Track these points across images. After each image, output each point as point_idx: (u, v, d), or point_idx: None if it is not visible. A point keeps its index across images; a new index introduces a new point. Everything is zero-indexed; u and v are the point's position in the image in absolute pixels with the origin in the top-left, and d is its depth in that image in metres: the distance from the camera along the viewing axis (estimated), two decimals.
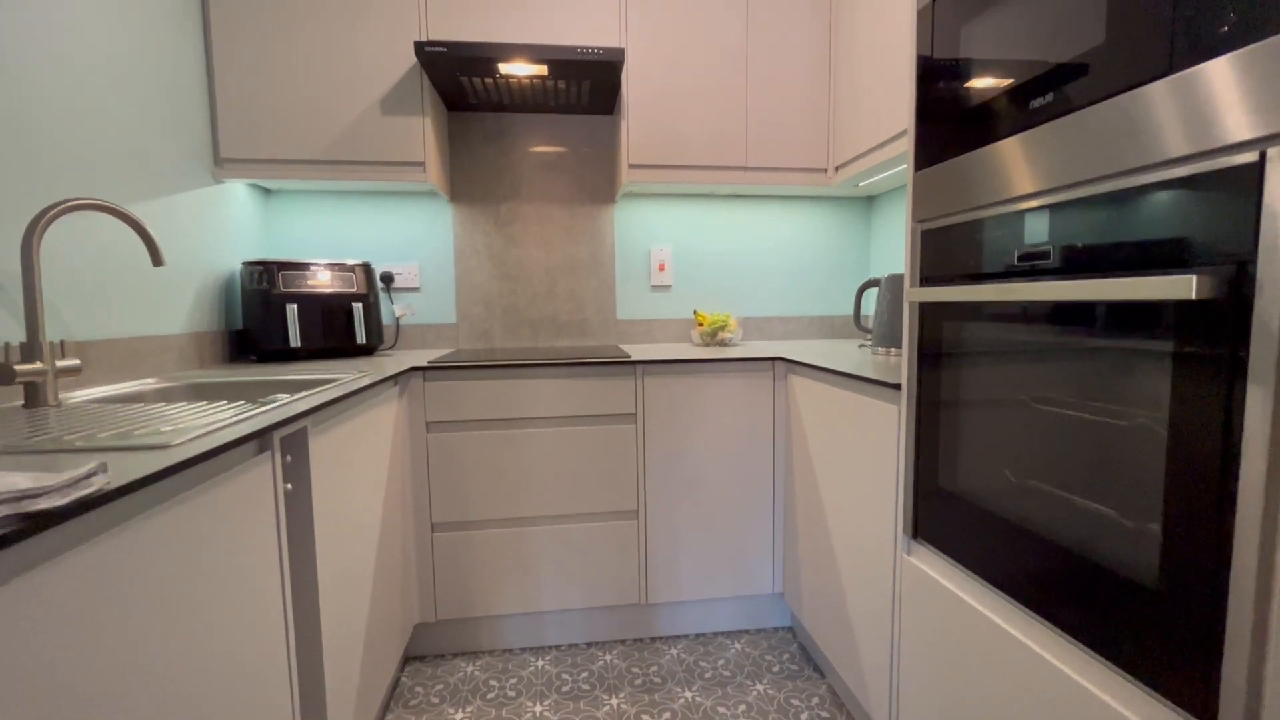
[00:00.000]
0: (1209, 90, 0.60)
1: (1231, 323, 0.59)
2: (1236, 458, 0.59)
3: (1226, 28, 0.59)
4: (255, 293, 1.77)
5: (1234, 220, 0.59)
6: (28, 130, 1.14)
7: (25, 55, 1.14)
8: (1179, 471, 0.65)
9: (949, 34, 1.01)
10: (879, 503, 1.28)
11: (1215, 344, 0.61)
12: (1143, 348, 0.69)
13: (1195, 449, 0.63)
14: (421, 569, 1.69)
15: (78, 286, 1.26)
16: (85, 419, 0.91)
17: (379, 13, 1.79)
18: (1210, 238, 0.61)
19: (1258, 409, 0.57)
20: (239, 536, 0.81)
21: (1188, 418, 0.64)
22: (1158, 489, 0.68)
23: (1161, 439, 0.67)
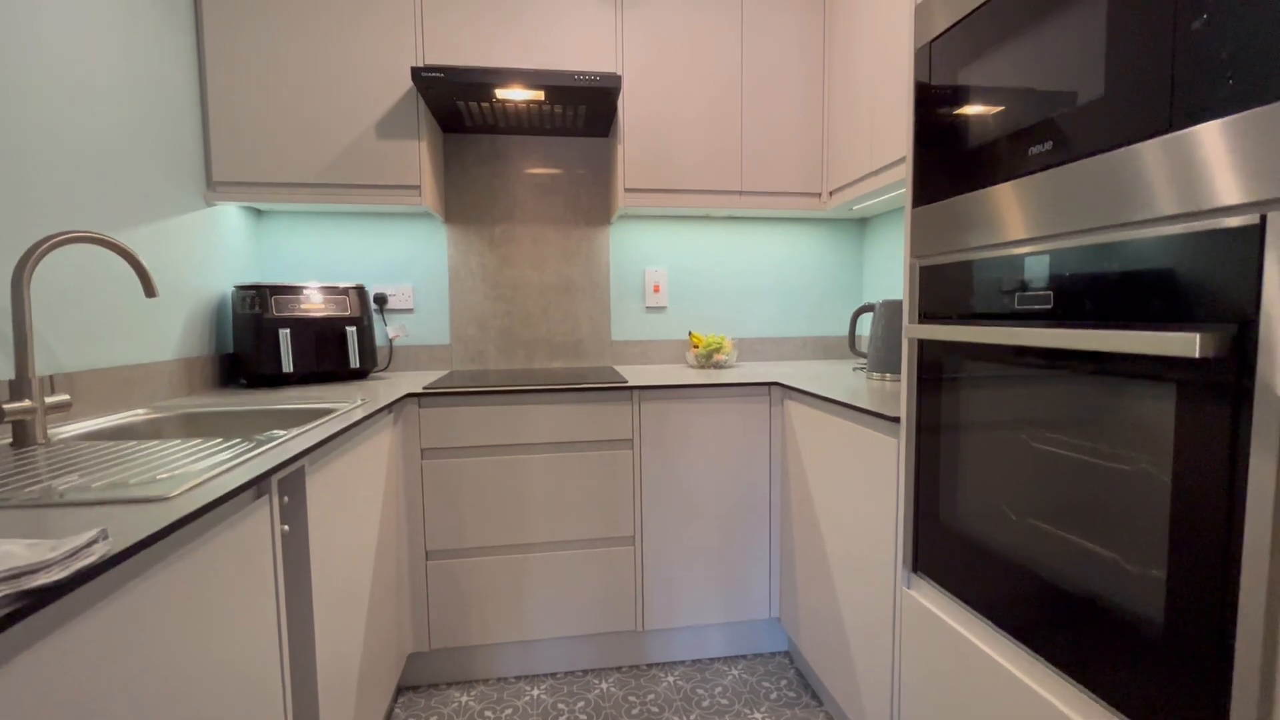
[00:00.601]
0: (1209, 151, 0.61)
1: (1234, 382, 0.60)
2: (1242, 517, 0.60)
3: (1226, 91, 0.60)
4: (247, 317, 1.75)
5: (1236, 280, 0.60)
6: (16, 157, 1.12)
7: (13, 81, 1.12)
8: (1184, 522, 0.65)
9: (948, 74, 1.02)
10: (878, 533, 1.29)
11: (1218, 400, 0.62)
12: (1145, 394, 0.70)
13: (1200, 502, 0.64)
14: (415, 598, 1.67)
15: (67, 316, 1.24)
16: (77, 461, 0.89)
17: (375, 35, 1.79)
18: (1212, 295, 0.62)
19: (1262, 469, 0.58)
20: (237, 583, 0.79)
21: (1191, 471, 0.64)
22: (1162, 535, 0.68)
23: (1165, 486, 0.67)
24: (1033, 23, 0.84)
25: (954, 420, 1.03)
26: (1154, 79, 0.67)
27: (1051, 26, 0.81)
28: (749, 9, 1.97)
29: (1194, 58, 0.63)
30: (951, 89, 1.01)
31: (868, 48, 1.76)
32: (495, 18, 1.84)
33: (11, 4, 1.12)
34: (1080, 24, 0.76)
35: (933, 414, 1.09)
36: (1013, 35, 0.87)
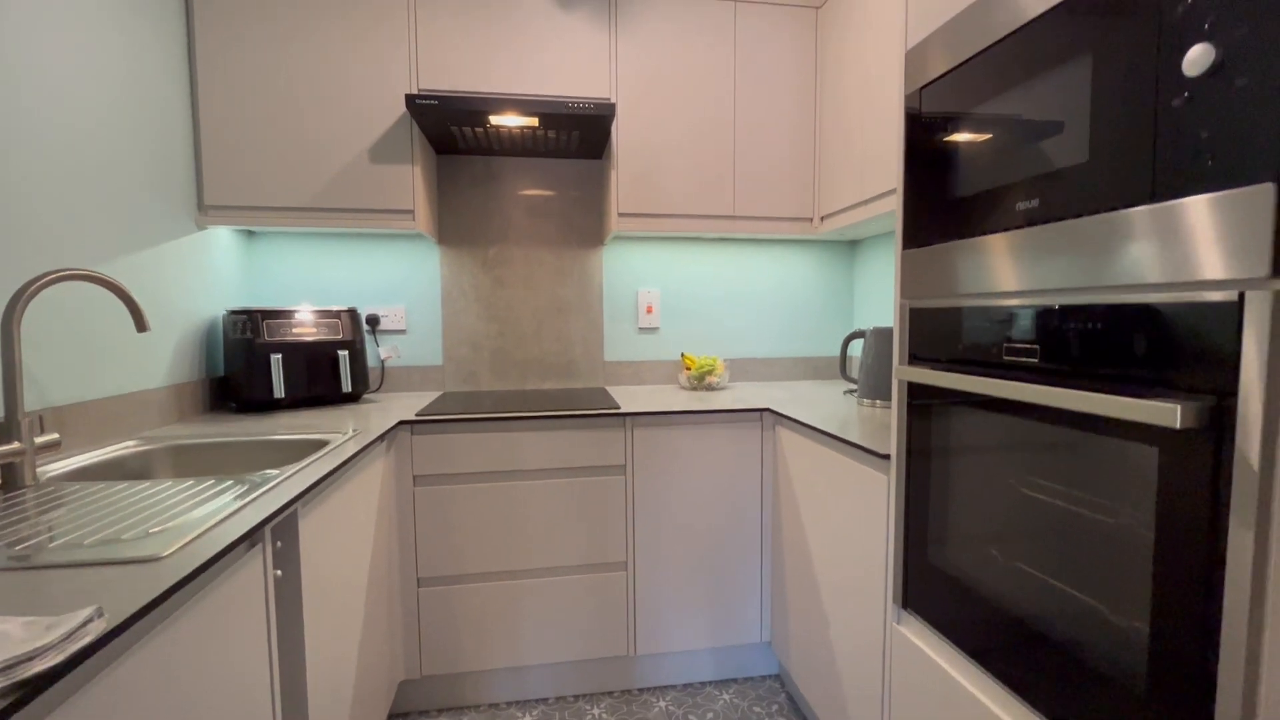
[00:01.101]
0: (1189, 225, 0.63)
1: (1214, 452, 0.62)
2: (1222, 583, 0.61)
3: (1205, 169, 0.62)
4: (239, 342, 1.74)
5: (1215, 353, 0.62)
6: (3, 185, 1.12)
7: (2, 109, 1.12)
8: (1166, 581, 0.67)
9: (938, 121, 1.04)
10: (869, 566, 1.30)
11: (1199, 468, 0.63)
12: (1129, 453, 0.71)
13: (1181, 564, 0.65)
14: (407, 625, 1.67)
15: (55, 350, 1.23)
16: (66, 508, 0.89)
17: (369, 59, 1.79)
18: (1194, 364, 0.64)
19: (1239, 540, 0.60)
20: (230, 634, 0.79)
21: (1173, 533, 0.66)
22: (1145, 591, 0.70)
23: (1149, 543, 0.69)
24: (1022, 80, 0.85)
25: (943, 460, 1.05)
26: (1137, 149, 0.69)
27: (1040, 86, 0.83)
28: (742, 36, 1.99)
29: (1175, 133, 0.65)
30: (941, 136, 1.03)
31: (858, 81, 1.78)
32: (489, 43, 1.85)
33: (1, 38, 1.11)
34: (1067, 87, 0.78)
35: (922, 453, 1.10)
36: (1002, 90, 0.89)
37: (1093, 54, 0.74)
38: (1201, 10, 0.62)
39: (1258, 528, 0.58)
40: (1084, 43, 0.75)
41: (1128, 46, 0.69)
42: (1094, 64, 0.74)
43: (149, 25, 1.53)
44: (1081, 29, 0.75)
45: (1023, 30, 0.85)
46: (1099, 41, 0.73)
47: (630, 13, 1.92)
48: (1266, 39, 0.56)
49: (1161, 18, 0.66)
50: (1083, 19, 0.75)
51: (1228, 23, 0.59)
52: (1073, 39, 0.77)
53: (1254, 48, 0.57)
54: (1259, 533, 0.58)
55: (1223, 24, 0.60)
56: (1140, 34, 0.68)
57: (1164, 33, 0.66)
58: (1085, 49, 0.75)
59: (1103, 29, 0.73)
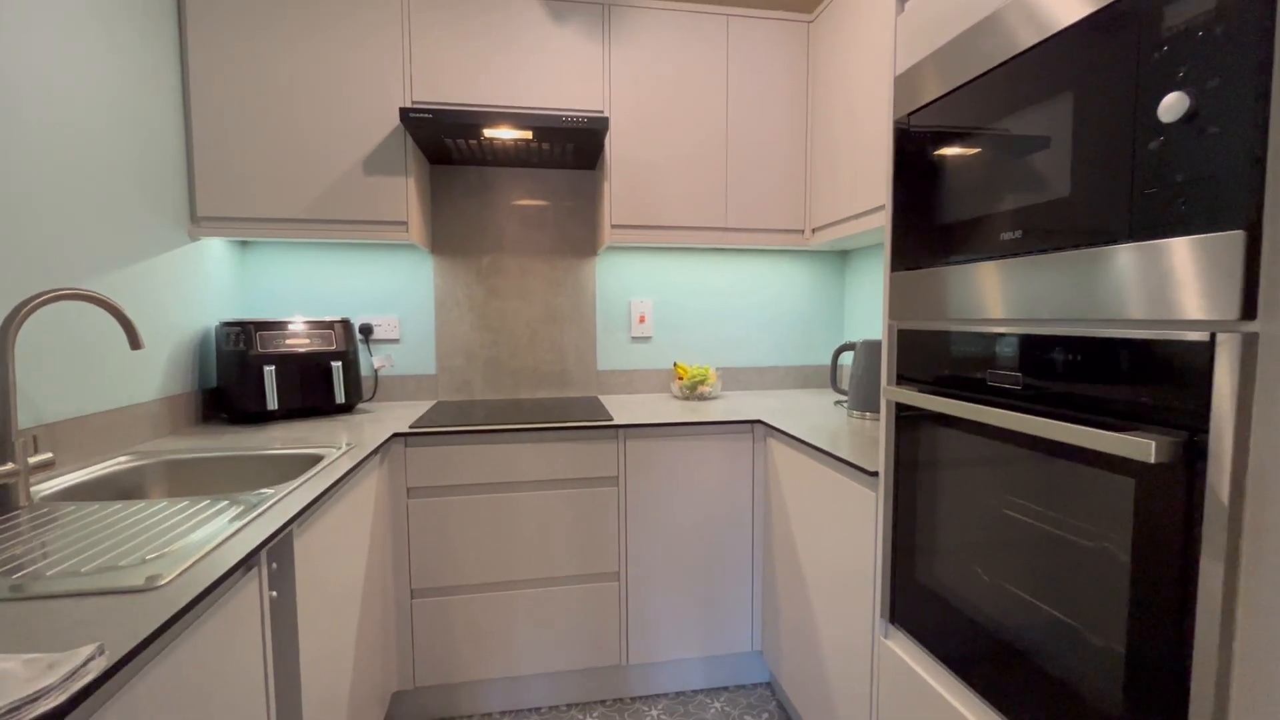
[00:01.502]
0: (1163, 265, 0.65)
1: (1187, 485, 0.64)
2: (1194, 613, 0.64)
3: (1179, 212, 0.64)
4: (232, 354, 1.75)
5: (1188, 391, 0.64)
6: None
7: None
8: (1141, 606, 0.69)
9: (925, 148, 1.06)
10: (857, 579, 1.32)
11: (1173, 501, 0.65)
12: (1107, 481, 0.74)
13: (1156, 590, 0.67)
14: (401, 636, 1.67)
15: (48, 366, 1.23)
16: (62, 531, 0.89)
17: (363, 71, 1.79)
18: (1168, 400, 0.66)
19: (1210, 572, 0.62)
20: (226, 655, 0.80)
21: (1148, 561, 0.68)
22: (1122, 614, 0.72)
23: (1125, 567, 0.71)
24: (1007, 113, 0.87)
25: (930, 479, 1.07)
26: (1115, 188, 0.71)
27: (1024, 119, 0.85)
28: (735, 48, 2.01)
29: (1152, 176, 0.67)
30: (929, 163, 1.05)
31: (848, 96, 1.81)
32: (484, 55, 1.86)
33: None
34: (1050, 122, 0.80)
35: (910, 471, 1.12)
36: (988, 120, 0.91)
37: (1074, 92, 0.76)
38: (1177, 58, 0.64)
39: (1227, 560, 0.61)
40: (1066, 80, 0.77)
41: (1108, 88, 0.72)
42: (1075, 102, 0.76)
43: (141, 37, 1.53)
44: (1064, 67, 0.78)
45: (1008, 64, 0.87)
46: (1081, 80, 0.75)
47: (623, 25, 1.93)
48: (1236, 91, 0.59)
49: (1139, 62, 0.68)
50: (1065, 57, 0.77)
51: (1201, 73, 0.62)
52: (1056, 76, 0.79)
53: (1225, 99, 0.60)
54: (1228, 565, 0.61)
55: (1196, 74, 0.62)
56: (1120, 76, 0.70)
57: (1141, 77, 0.68)
58: (1067, 86, 0.77)
59: (1085, 68, 0.75)
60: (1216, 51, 0.60)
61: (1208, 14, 0.61)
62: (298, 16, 1.75)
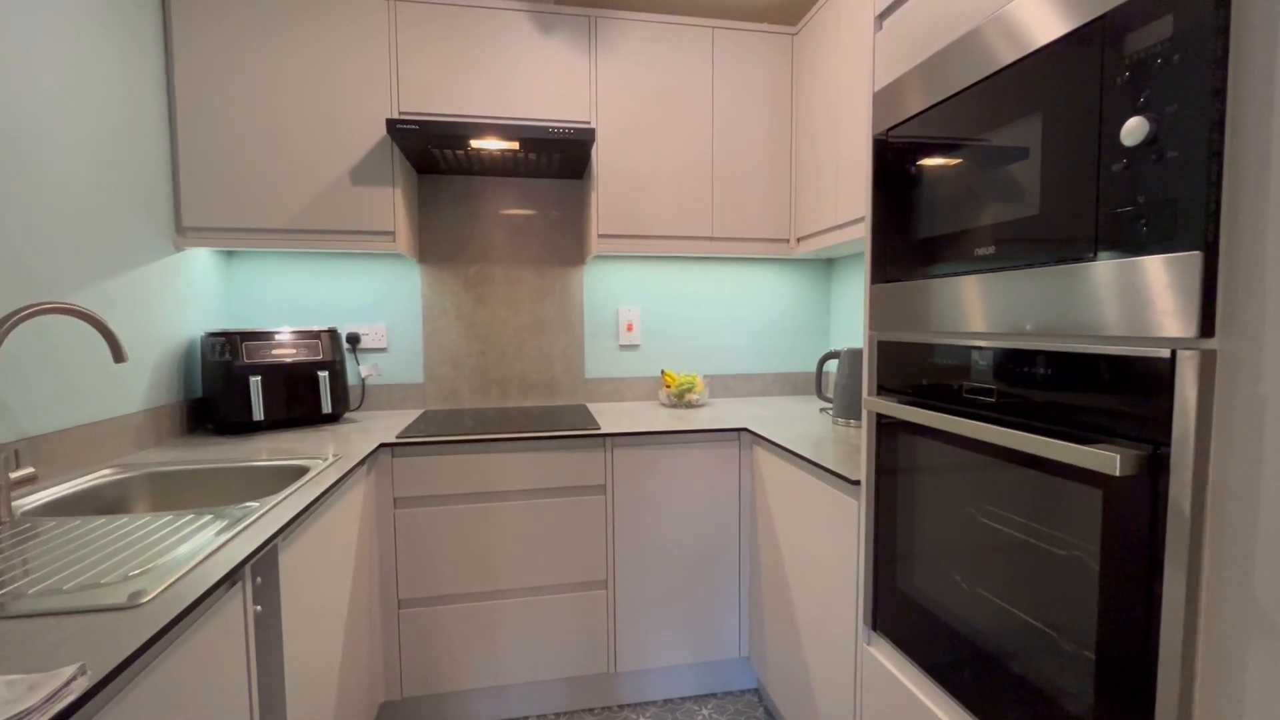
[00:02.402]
0: (1126, 283, 0.67)
1: (1150, 497, 0.66)
2: (1159, 620, 0.65)
3: (1140, 233, 0.66)
4: (217, 364, 1.74)
5: (1151, 406, 0.66)
6: None
7: None
8: (1109, 612, 0.71)
9: (902, 164, 1.08)
10: (840, 587, 1.34)
11: (1137, 511, 0.67)
12: (1076, 492, 0.76)
13: (1123, 598, 0.69)
14: (388, 646, 1.67)
15: (30, 379, 1.22)
16: (43, 548, 0.89)
17: (350, 81, 1.80)
18: (1133, 414, 0.68)
19: (1174, 581, 0.64)
20: (210, 671, 0.80)
21: (1115, 568, 0.70)
22: (1092, 621, 0.74)
23: (1094, 576, 0.73)
24: (980, 131, 0.90)
25: (910, 488, 1.09)
26: (1081, 208, 0.73)
27: (996, 138, 0.87)
28: (720, 59, 2.03)
29: (1115, 196, 0.69)
30: (906, 178, 1.07)
31: (831, 107, 1.83)
32: (471, 66, 1.87)
33: None
34: (1020, 142, 0.82)
35: (891, 480, 1.14)
36: (962, 138, 0.93)
37: (1043, 113, 0.79)
38: (1139, 83, 0.66)
39: (1189, 569, 0.62)
40: (1036, 101, 0.79)
41: (1075, 110, 0.74)
42: (1044, 122, 0.78)
43: (126, 47, 1.53)
44: (1034, 88, 0.80)
45: (981, 84, 0.89)
46: (1049, 102, 0.77)
47: (610, 36, 1.95)
48: (1193, 117, 0.61)
49: (1104, 86, 0.70)
50: (1035, 79, 0.80)
51: (1161, 98, 0.64)
52: (1026, 97, 0.81)
53: (1183, 124, 0.62)
54: (1190, 573, 0.63)
55: (1156, 99, 0.64)
56: (1086, 99, 0.72)
57: (1105, 100, 0.70)
58: (1037, 107, 0.79)
59: (1053, 90, 0.77)
60: (1174, 78, 0.62)
61: (1165, 42, 0.63)
62: (285, 27, 1.75)
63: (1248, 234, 0.58)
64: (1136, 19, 0.66)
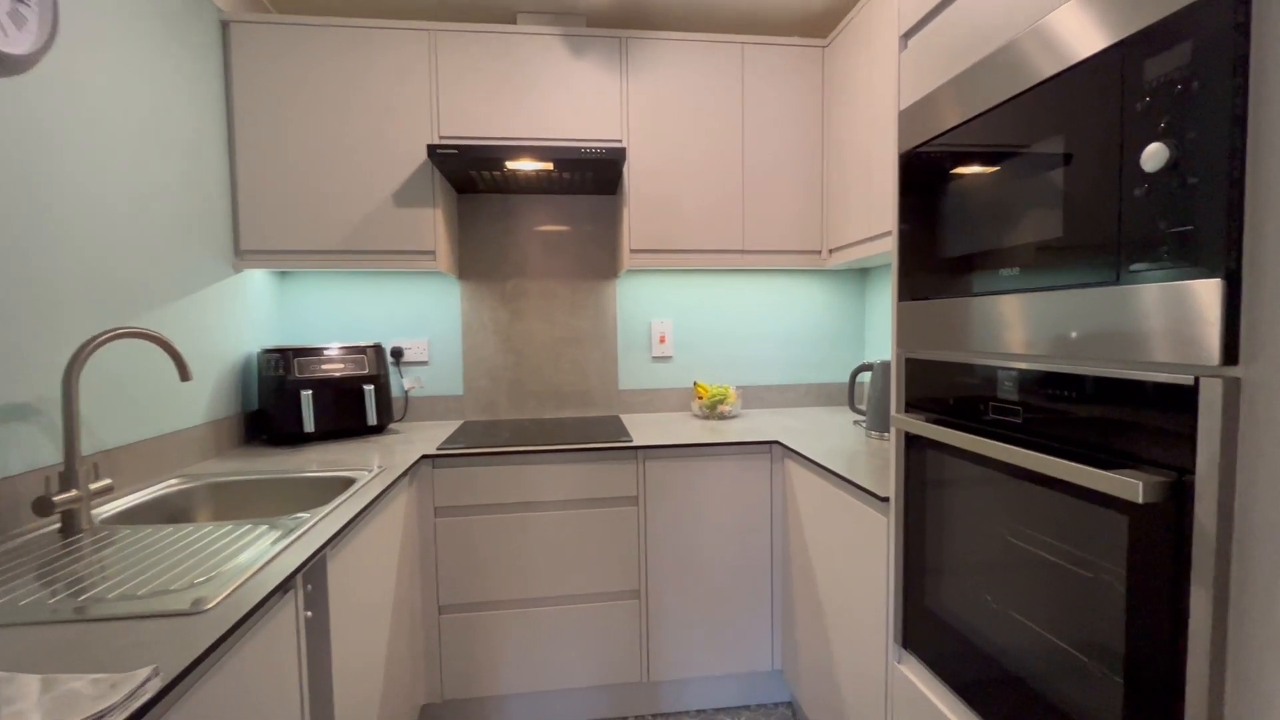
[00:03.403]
0: (1149, 309, 0.67)
1: (1176, 524, 0.65)
2: (1185, 646, 0.65)
3: (1162, 258, 0.66)
4: (272, 379, 1.84)
5: (1176, 432, 0.65)
6: (66, 245, 1.22)
7: (65, 179, 1.22)
8: (1137, 637, 0.70)
9: (928, 183, 1.08)
10: (870, 603, 1.33)
11: (1163, 538, 0.67)
12: (1103, 516, 0.75)
13: (1150, 623, 0.69)
14: (429, 650, 1.74)
15: (106, 395, 1.33)
16: (118, 554, 0.97)
17: (394, 111, 1.89)
18: (1158, 441, 0.68)
19: (1200, 608, 0.63)
20: (265, 671, 0.86)
21: (1143, 593, 0.69)
22: (1120, 645, 0.73)
23: (1122, 600, 0.72)
24: (1004, 152, 0.90)
25: (939, 506, 1.09)
26: (1104, 232, 0.73)
27: (1020, 159, 0.87)
28: (750, 74, 2.05)
29: (1137, 221, 0.69)
30: (931, 198, 1.07)
31: (863, 119, 1.83)
32: (506, 89, 1.94)
33: (59, 102, 1.22)
34: (1044, 164, 0.82)
35: (919, 497, 1.14)
36: (987, 159, 0.94)
37: (1064, 136, 0.79)
38: (1159, 109, 0.66)
39: (1215, 600, 0.62)
40: (1058, 124, 0.80)
41: (1097, 134, 0.74)
42: (1066, 146, 0.78)
43: (191, 90, 1.65)
44: (1056, 111, 0.80)
45: (1003, 105, 0.89)
46: (1071, 125, 0.77)
47: (640, 56, 2.00)
48: (1213, 144, 0.61)
49: (1124, 110, 0.70)
50: (1057, 102, 0.80)
51: (1181, 124, 0.64)
52: (1048, 120, 0.81)
53: (1203, 151, 0.62)
54: (1216, 603, 0.62)
55: (1176, 125, 0.64)
56: (1106, 123, 0.72)
57: (1127, 125, 0.70)
58: (1059, 130, 0.79)
59: (1074, 113, 0.77)
60: (1194, 105, 0.62)
61: (1184, 68, 0.63)
62: (334, 60, 1.85)
63: (1272, 262, 0.57)
64: (1156, 45, 0.66)
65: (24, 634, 0.72)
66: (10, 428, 1.09)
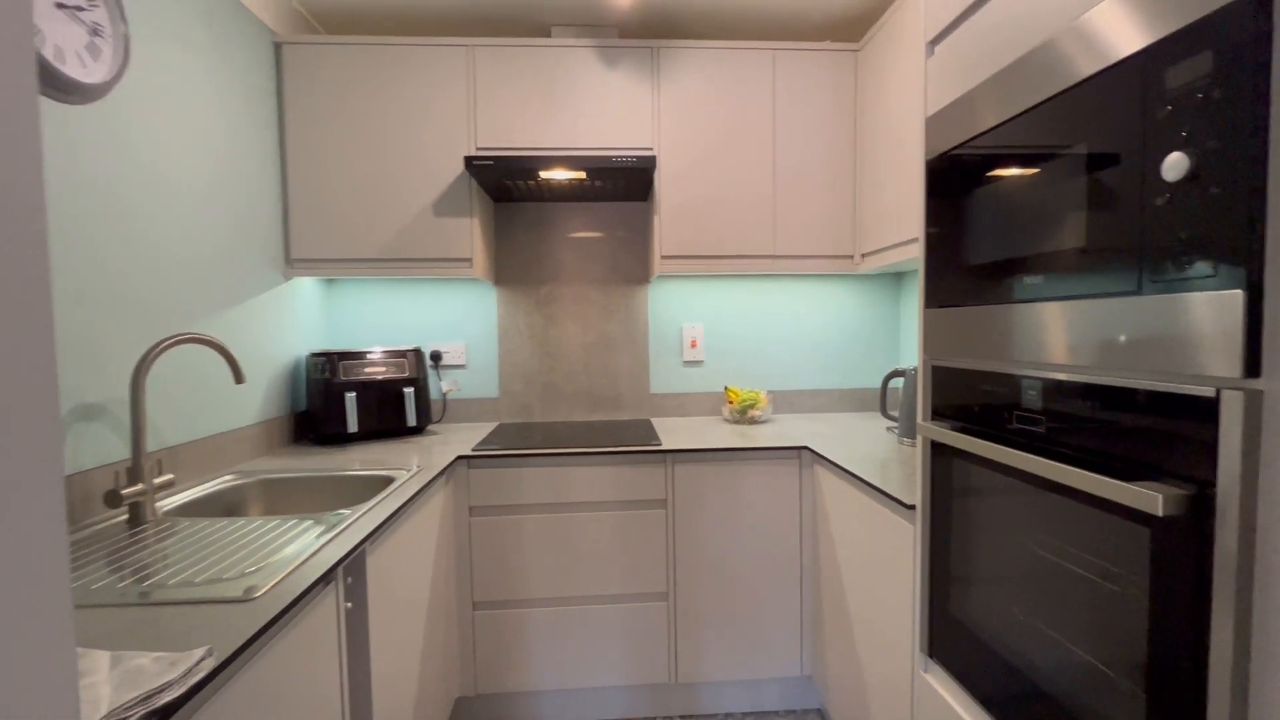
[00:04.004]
0: (1170, 320, 0.66)
1: (1197, 537, 0.64)
2: (1206, 662, 0.64)
3: (1184, 269, 0.65)
4: (318, 381, 1.94)
5: (1197, 445, 0.64)
6: (137, 264, 1.32)
7: (135, 198, 1.32)
8: (1159, 651, 0.69)
9: (954, 189, 1.08)
10: (897, 610, 1.33)
11: (1184, 551, 0.66)
12: (1126, 528, 0.74)
13: (1173, 638, 0.68)
14: (464, 645, 1.80)
15: (169, 396, 1.43)
16: (179, 544, 1.05)
17: (433, 125, 1.96)
18: (1180, 453, 0.67)
19: (1222, 625, 0.62)
20: (307, 658, 0.92)
21: (1165, 607, 0.68)
22: (1142, 658, 0.72)
23: (1145, 613, 0.71)
24: (1026, 159, 0.89)
25: (965, 514, 1.08)
26: (1126, 242, 0.72)
27: (1044, 167, 0.86)
28: (781, 81, 2.05)
29: (1159, 231, 0.68)
30: (957, 204, 1.07)
31: (896, 123, 1.82)
32: (542, 102, 1.99)
33: (128, 127, 1.32)
34: (1067, 172, 0.82)
35: (945, 505, 1.13)
36: (1011, 166, 0.93)
37: (1088, 145, 0.78)
38: (1180, 118, 0.65)
39: (1237, 616, 0.61)
40: (1082, 132, 0.79)
41: (1119, 142, 0.73)
42: (1089, 154, 0.78)
43: (248, 111, 1.75)
44: (1078, 119, 0.79)
45: (1028, 113, 0.89)
46: (1093, 133, 0.77)
47: (672, 65, 2.02)
48: (1235, 154, 0.60)
49: (1146, 119, 0.69)
50: (1081, 110, 0.79)
51: (1201, 134, 0.63)
52: (1071, 127, 0.81)
53: (1224, 160, 0.61)
54: (1239, 620, 0.61)
55: (1197, 134, 0.63)
56: (1129, 132, 0.72)
57: (1148, 134, 0.69)
58: (1081, 139, 0.79)
59: (1096, 122, 0.76)
60: (1215, 114, 0.62)
61: (1205, 77, 0.62)
62: (379, 77, 1.94)
63: None
64: (1177, 53, 0.65)
65: (96, 615, 0.80)
66: (85, 426, 1.19)
